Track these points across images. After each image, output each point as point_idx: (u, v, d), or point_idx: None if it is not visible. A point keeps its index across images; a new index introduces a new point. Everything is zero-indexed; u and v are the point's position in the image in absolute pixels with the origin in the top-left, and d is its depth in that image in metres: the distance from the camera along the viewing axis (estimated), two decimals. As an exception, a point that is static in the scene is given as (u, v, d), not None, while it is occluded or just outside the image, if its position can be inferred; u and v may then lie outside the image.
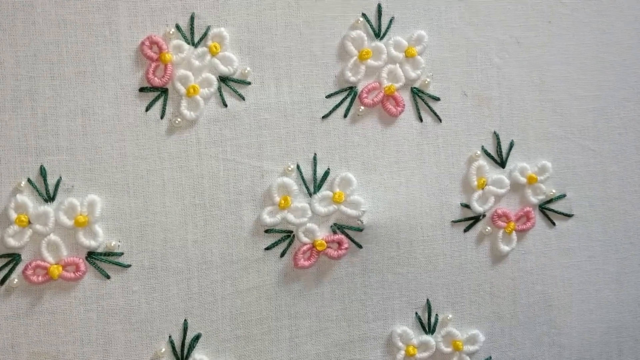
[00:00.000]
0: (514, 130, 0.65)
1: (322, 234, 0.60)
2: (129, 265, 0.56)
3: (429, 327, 0.64)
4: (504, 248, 0.65)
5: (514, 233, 0.65)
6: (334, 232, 0.61)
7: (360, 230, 0.61)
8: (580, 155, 0.67)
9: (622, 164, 0.69)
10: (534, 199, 0.66)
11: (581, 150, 0.67)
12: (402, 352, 0.63)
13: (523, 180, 0.65)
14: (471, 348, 0.65)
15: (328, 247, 0.60)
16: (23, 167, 0.54)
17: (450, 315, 0.64)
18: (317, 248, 0.59)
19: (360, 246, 0.62)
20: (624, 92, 0.68)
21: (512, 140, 0.65)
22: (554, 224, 0.67)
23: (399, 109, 0.61)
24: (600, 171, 0.68)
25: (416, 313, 0.64)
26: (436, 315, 0.64)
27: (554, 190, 0.66)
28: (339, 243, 0.60)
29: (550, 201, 0.66)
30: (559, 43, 0.66)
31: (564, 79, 0.66)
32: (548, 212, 0.67)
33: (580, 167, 0.67)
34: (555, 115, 0.66)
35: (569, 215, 0.67)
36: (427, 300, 0.64)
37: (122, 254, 0.56)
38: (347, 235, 0.61)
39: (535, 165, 0.66)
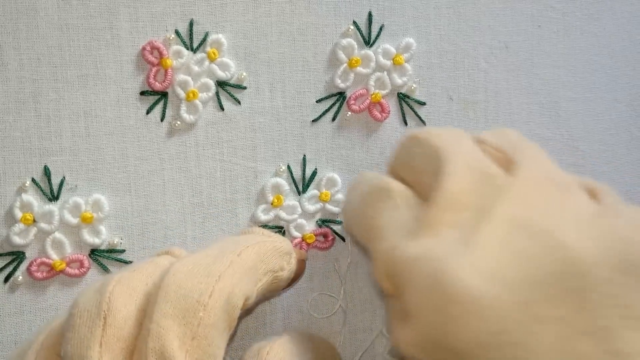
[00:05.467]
0: (499, 133, 0.66)
1: (310, 228, 0.62)
2: (131, 262, 0.57)
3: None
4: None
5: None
6: (320, 227, 0.62)
7: (340, 222, 0.63)
8: (569, 156, 0.68)
9: (613, 164, 0.69)
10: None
11: (571, 151, 0.68)
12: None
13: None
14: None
15: (317, 240, 0.62)
16: (27, 168, 0.55)
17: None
18: (307, 241, 0.62)
19: (343, 239, 0.63)
20: (614, 94, 0.69)
21: (498, 142, 0.66)
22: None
23: (384, 115, 0.63)
24: (591, 172, 0.69)
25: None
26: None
27: (541, 191, 0.67)
28: (325, 235, 0.63)
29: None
30: (548, 47, 0.67)
31: (553, 82, 0.67)
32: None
33: (570, 167, 0.67)
34: (542, 117, 0.67)
35: (558, 215, 0.68)
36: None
37: (124, 250, 0.57)
38: (332, 229, 0.63)
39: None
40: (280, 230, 0.61)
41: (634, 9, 0.69)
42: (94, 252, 0.57)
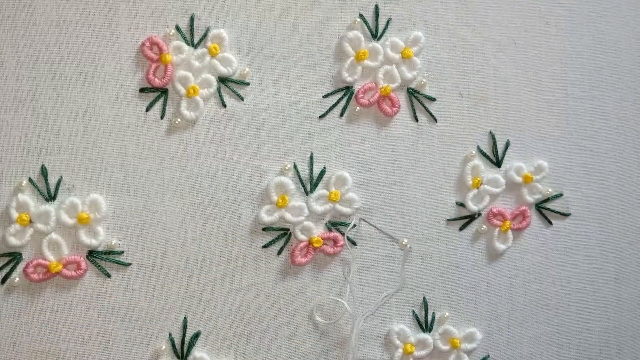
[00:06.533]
0: (510, 130, 0.65)
1: (318, 231, 0.61)
2: (129, 264, 0.57)
3: (426, 325, 0.64)
4: (500, 246, 0.65)
5: (509, 232, 0.65)
6: (329, 230, 0.61)
7: (354, 226, 0.62)
8: (577, 155, 0.67)
9: (620, 163, 0.69)
10: (530, 198, 0.66)
11: (579, 150, 0.67)
12: (400, 350, 0.63)
13: (519, 179, 0.65)
14: (469, 346, 0.65)
15: (324, 244, 0.60)
16: (24, 167, 0.55)
17: (447, 313, 0.64)
18: (314, 245, 0.60)
19: (354, 243, 0.62)
20: (621, 92, 0.68)
21: (508, 140, 0.65)
22: (550, 223, 0.67)
23: (395, 109, 0.62)
24: (598, 171, 0.68)
25: (413, 311, 0.64)
26: (433, 313, 0.64)
27: (550, 190, 0.66)
28: (335, 240, 0.61)
29: (546, 200, 0.67)
30: (556, 43, 0.66)
31: (561, 79, 0.66)
32: (545, 211, 0.67)
33: (577, 166, 0.68)
34: (552, 115, 0.66)
35: (566, 215, 0.67)
36: (424, 298, 0.64)
37: (122, 252, 0.57)
38: (342, 233, 0.61)
39: (531, 165, 0.66)
40: (286, 232, 0.60)
41: (640, 6, 0.69)
42: (92, 254, 0.56)
